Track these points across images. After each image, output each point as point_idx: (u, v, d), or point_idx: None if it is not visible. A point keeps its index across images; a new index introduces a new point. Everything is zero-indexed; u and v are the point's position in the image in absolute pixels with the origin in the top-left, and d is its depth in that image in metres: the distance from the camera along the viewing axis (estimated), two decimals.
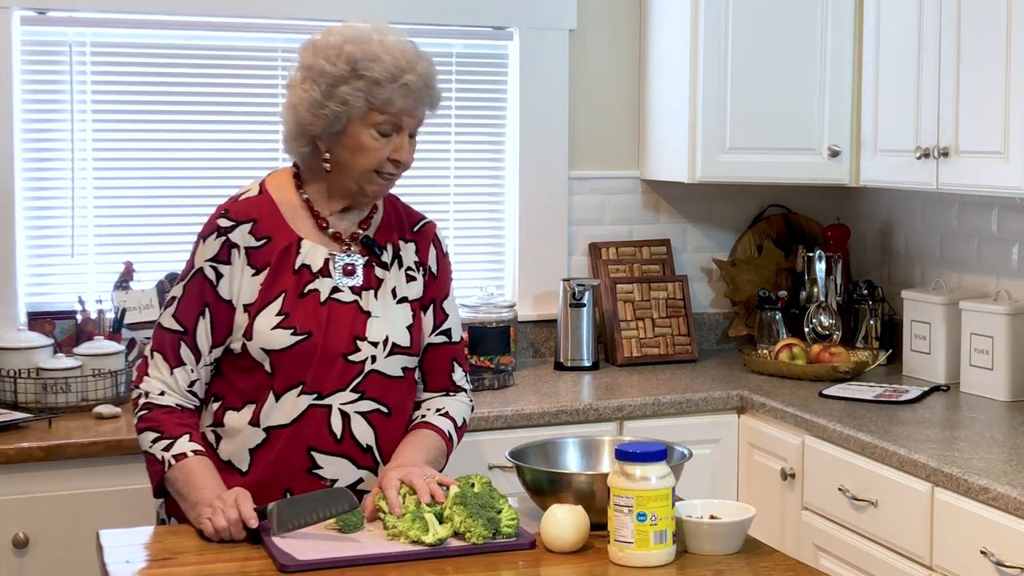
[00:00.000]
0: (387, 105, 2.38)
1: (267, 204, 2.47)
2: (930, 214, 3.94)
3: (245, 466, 2.44)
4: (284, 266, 2.44)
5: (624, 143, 4.15)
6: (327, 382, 2.43)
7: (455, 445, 2.58)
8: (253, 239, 2.43)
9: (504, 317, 3.77)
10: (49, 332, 3.42)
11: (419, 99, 2.42)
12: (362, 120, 2.39)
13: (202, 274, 2.43)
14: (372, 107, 2.38)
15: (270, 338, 2.40)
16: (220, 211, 2.47)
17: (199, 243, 2.46)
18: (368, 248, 2.51)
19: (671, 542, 2.15)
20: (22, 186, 3.54)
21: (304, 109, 2.40)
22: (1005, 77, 3.06)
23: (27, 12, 3.49)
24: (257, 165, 3.72)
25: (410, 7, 3.83)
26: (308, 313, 2.42)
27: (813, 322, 3.96)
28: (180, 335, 2.43)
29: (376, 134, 2.40)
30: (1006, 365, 3.39)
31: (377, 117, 2.39)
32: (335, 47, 2.39)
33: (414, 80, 2.39)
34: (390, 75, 2.37)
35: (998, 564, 2.55)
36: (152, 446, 2.40)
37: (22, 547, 2.94)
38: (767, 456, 3.43)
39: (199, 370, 2.44)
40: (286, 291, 2.42)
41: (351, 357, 2.44)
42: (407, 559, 2.15)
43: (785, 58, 3.74)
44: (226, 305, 2.43)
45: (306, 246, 2.45)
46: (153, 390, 2.43)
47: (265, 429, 2.43)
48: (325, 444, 2.44)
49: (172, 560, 2.17)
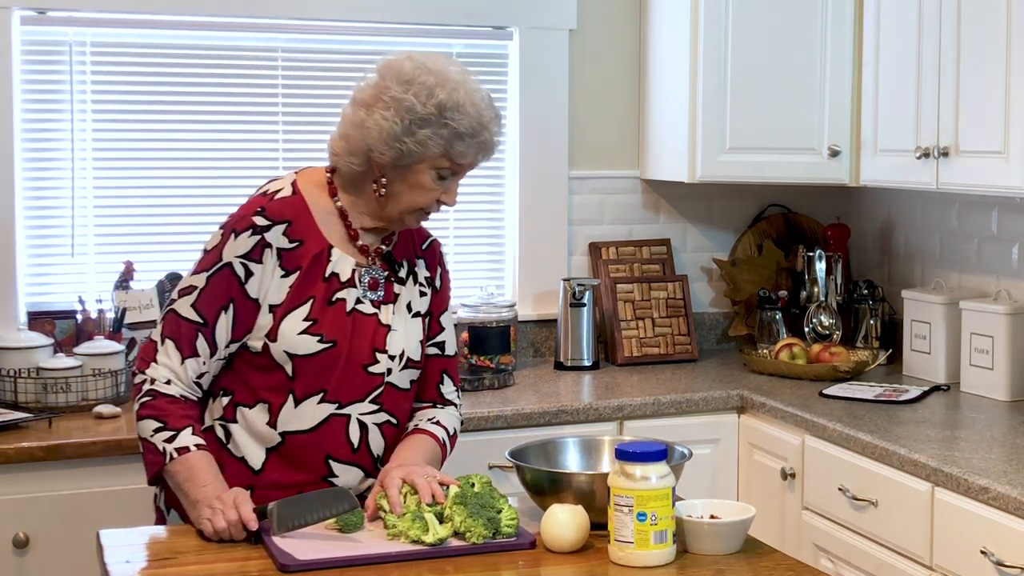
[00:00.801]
0: (460, 157, 2.41)
1: (301, 206, 2.45)
2: (930, 214, 3.94)
3: (259, 465, 2.43)
4: (315, 272, 2.43)
5: (624, 143, 4.15)
6: (348, 392, 2.43)
7: (448, 453, 2.59)
8: (287, 240, 2.42)
9: (504, 317, 3.77)
10: (49, 332, 3.42)
11: (487, 155, 2.46)
12: (430, 162, 2.41)
13: (230, 268, 2.40)
14: (446, 155, 2.40)
15: (296, 342, 2.40)
16: (255, 207, 2.43)
17: (228, 236, 2.41)
18: (389, 264, 2.52)
19: (671, 542, 2.15)
20: (22, 186, 3.54)
21: (378, 135, 2.38)
22: (1005, 77, 3.06)
23: (27, 12, 3.49)
24: (257, 165, 3.72)
25: (410, 7, 3.83)
26: (335, 322, 2.42)
27: (813, 322, 3.96)
28: (199, 326, 2.40)
29: (436, 175, 2.42)
30: (1006, 365, 3.39)
31: (444, 163, 2.41)
32: (427, 87, 2.38)
33: (489, 138, 2.43)
34: (472, 130, 2.39)
35: (998, 564, 2.55)
36: (153, 435, 2.38)
37: (22, 547, 2.94)
38: (767, 456, 3.43)
39: (211, 363, 2.43)
40: (315, 297, 2.42)
41: (371, 369, 2.45)
42: (407, 559, 2.15)
43: (785, 58, 3.74)
44: (252, 303, 2.41)
45: (336, 254, 2.45)
46: (160, 377, 2.40)
47: (282, 433, 2.42)
48: (342, 453, 2.44)
49: (172, 560, 2.17)
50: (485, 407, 3.31)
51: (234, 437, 2.44)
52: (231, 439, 2.44)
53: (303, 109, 3.79)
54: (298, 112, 3.77)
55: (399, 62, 2.42)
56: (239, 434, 2.44)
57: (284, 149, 3.78)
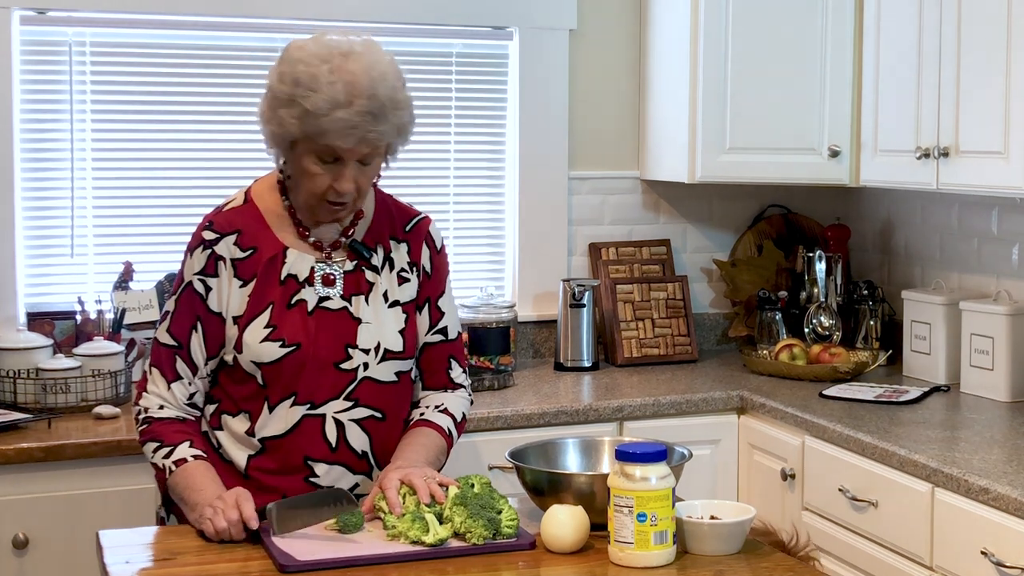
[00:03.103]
0: (321, 138, 2.30)
1: (252, 213, 2.45)
2: (930, 214, 3.94)
3: (243, 469, 2.44)
4: (271, 277, 2.42)
5: (624, 143, 4.14)
6: (320, 392, 2.42)
7: (455, 441, 2.57)
8: (239, 250, 2.41)
9: (504, 317, 3.76)
10: (49, 332, 3.42)
11: (358, 134, 2.29)
12: (304, 144, 2.33)
13: (191, 288, 2.42)
14: (307, 135, 2.31)
15: (259, 351, 2.39)
16: (205, 223, 2.45)
17: (187, 256, 2.45)
18: (356, 253, 2.48)
19: (671, 542, 2.15)
20: (22, 186, 3.54)
21: (259, 116, 2.38)
22: (1005, 77, 3.06)
23: (27, 12, 3.49)
24: (257, 165, 3.70)
25: (410, 7, 3.83)
26: (296, 324, 2.41)
27: (813, 322, 3.96)
28: (175, 349, 2.42)
29: (317, 160, 2.34)
30: (1006, 365, 3.39)
31: (315, 145, 2.32)
32: (290, 63, 2.32)
33: (350, 116, 2.27)
34: (323, 109, 2.27)
35: (998, 564, 2.55)
36: (154, 455, 2.40)
37: (22, 547, 2.94)
38: (767, 456, 3.43)
39: (196, 383, 2.44)
40: (274, 302, 2.41)
41: (343, 365, 2.43)
42: (407, 559, 2.15)
43: (785, 58, 3.74)
44: (216, 318, 2.42)
45: (292, 255, 2.43)
46: (152, 406, 2.43)
47: (260, 440, 2.43)
48: (320, 453, 2.44)
49: (172, 560, 2.17)
50: (485, 408, 3.31)
51: (222, 444, 2.46)
52: (221, 446, 2.46)
53: None
54: None
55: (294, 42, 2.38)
56: (225, 440, 2.46)
57: None
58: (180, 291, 2.44)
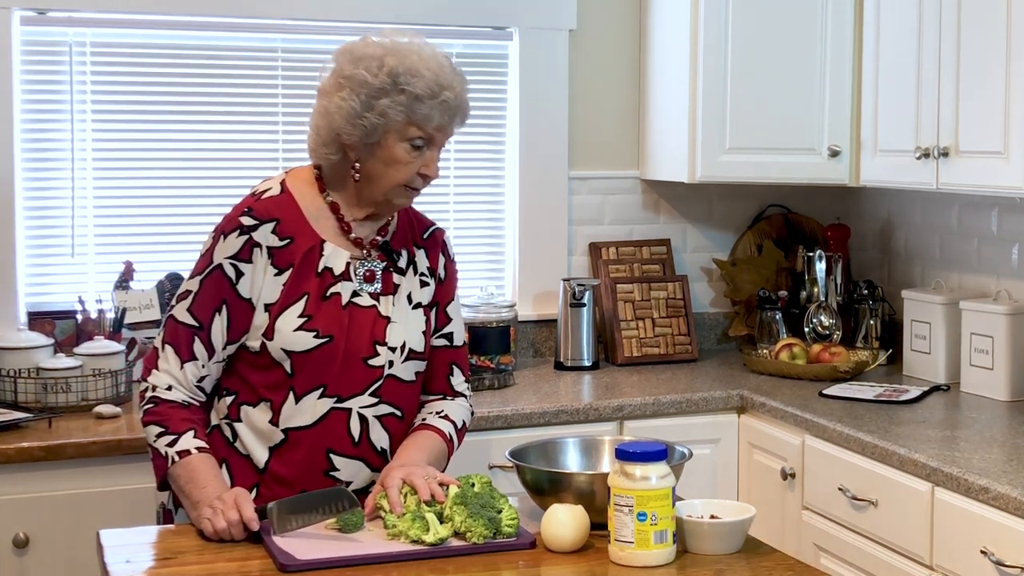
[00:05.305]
0: (425, 121, 2.40)
1: (289, 204, 2.46)
2: (930, 214, 3.94)
3: (263, 463, 2.44)
4: (308, 268, 2.43)
5: (624, 143, 4.15)
6: (348, 385, 2.44)
7: (455, 447, 2.58)
8: (276, 239, 2.42)
9: (504, 317, 3.77)
10: (49, 332, 3.42)
11: (453, 116, 2.44)
12: (398, 133, 2.40)
13: (221, 270, 2.41)
14: (411, 122, 2.40)
15: (292, 339, 2.40)
16: (242, 208, 2.45)
17: (218, 238, 2.43)
18: (387, 254, 2.52)
19: (671, 542, 2.15)
20: (22, 186, 3.54)
21: (341, 117, 2.39)
22: (1005, 77, 3.06)
23: (27, 12, 3.49)
24: (257, 165, 3.72)
25: (410, 7, 3.83)
26: (331, 316, 2.42)
27: (813, 322, 3.96)
28: (195, 330, 2.42)
29: (410, 147, 2.42)
30: (1006, 365, 3.39)
31: (413, 131, 2.41)
32: (376, 58, 2.39)
33: (452, 97, 2.41)
34: (430, 91, 2.39)
35: (998, 564, 2.55)
36: (156, 440, 2.40)
37: (22, 547, 2.94)
38: (767, 456, 3.43)
39: (210, 366, 2.44)
40: (309, 293, 2.42)
41: (371, 361, 2.45)
42: (407, 559, 2.15)
43: (785, 58, 3.74)
44: (245, 303, 2.42)
45: (328, 248, 2.45)
46: (161, 384, 2.42)
47: (284, 430, 2.43)
48: (343, 447, 2.45)
49: (172, 560, 2.18)
50: (485, 407, 3.31)
51: (240, 436, 2.45)
52: (237, 438, 2.46)
53: (303, 109, 3.75)
54: (298, 112, 3.76)
55: (350, 43, 2.46)
56: (244, 433, 2.45)
57: (284, 149, 3.78)
58: (207, 272, 2.42)
